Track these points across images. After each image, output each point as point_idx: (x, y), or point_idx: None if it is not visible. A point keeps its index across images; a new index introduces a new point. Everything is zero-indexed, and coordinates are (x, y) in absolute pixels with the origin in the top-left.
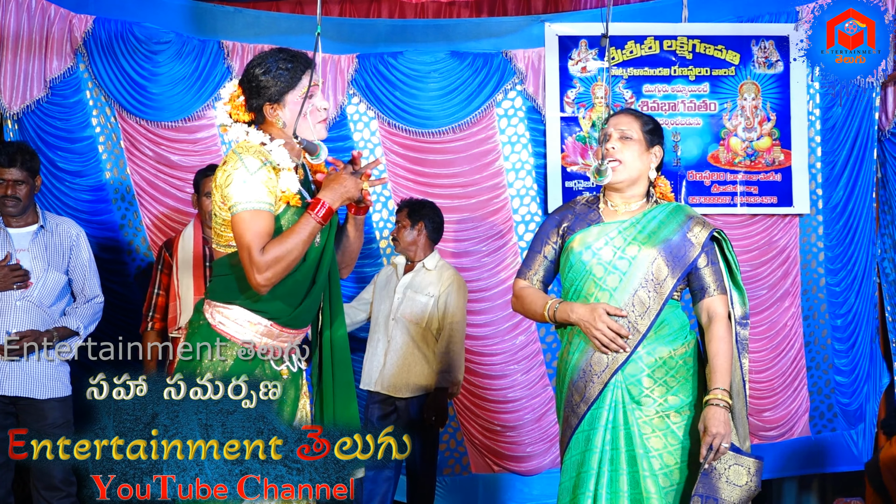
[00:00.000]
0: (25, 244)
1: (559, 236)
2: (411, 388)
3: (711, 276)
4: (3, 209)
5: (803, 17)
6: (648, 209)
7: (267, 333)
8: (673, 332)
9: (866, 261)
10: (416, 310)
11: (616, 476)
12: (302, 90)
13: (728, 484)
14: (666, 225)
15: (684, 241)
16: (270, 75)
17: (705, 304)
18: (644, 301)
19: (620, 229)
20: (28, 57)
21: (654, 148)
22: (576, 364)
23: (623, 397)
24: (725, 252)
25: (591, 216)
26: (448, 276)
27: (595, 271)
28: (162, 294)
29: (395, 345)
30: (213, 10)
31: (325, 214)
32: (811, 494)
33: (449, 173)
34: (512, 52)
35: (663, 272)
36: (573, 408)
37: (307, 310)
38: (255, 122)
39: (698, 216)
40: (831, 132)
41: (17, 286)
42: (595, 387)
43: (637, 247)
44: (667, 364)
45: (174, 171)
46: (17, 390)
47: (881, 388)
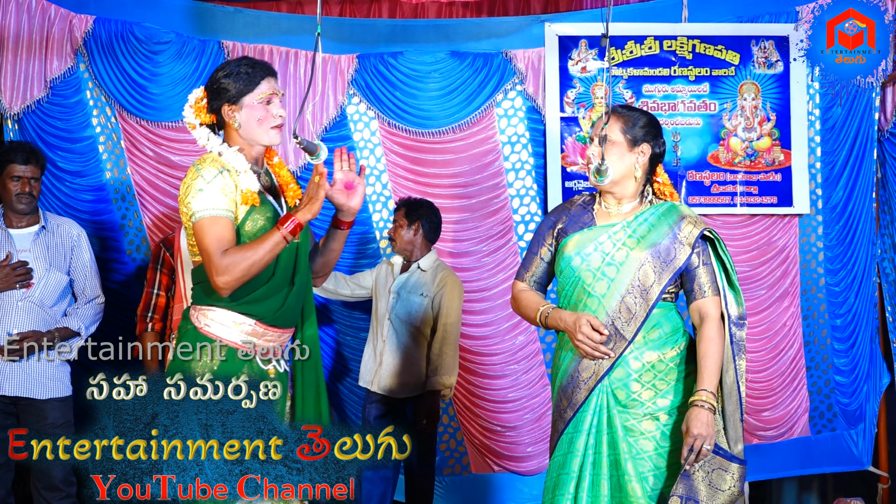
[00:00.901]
0: (27, 245)
1: (554, 238)
2: (407, 388)
3: (704, 277)
4: (16, 206)
5: (803, 17)
6: (640, 211)
7: (252, 333)
8: (664, 335)
9: (866, 261)
10: (410, 310)
11: (598, 480)
12: (260, 95)
13: (710, 487)
14: (656, 228)
15: (673, 243)
16: (230, 78)
17: (697, 305)
18: (630, 308)
19: (610, 234)
20: (28, 57)
21: (639, 146)
22: (566, 369)
23: (608, 401)
24: (719, 251)
25: (584, 218)
26: (442, 276)
27: (584, 277)
28: (162, 295)
29: (390, 345)
30: (213, 10)
31: (293, 230)
32: (811, 494)
33: (449, 173)
34: (512, 52)
35: (650, 278)
36: (560, 413)
37: (291, 309)
38: (217, 125)
39: (692, 216)
40: (831, 132)
41: (19, 285)
42: (581, 393)
43: (625, 252)
44: (655, 368)
45: (174, 172)
46: (18, 390)
47: (881, 388)
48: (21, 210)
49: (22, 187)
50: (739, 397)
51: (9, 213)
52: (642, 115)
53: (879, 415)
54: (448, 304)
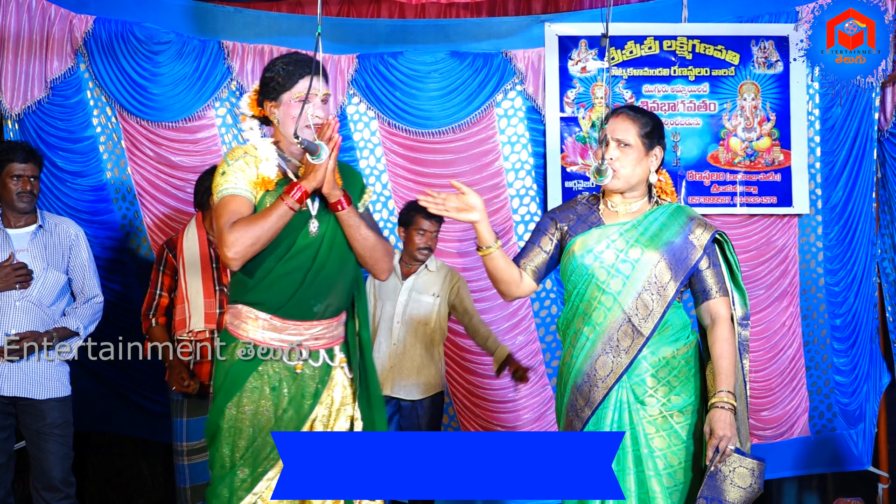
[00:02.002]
0: (24, 244)
1: (559, 232)
2: (421, 388)
3: (713, 278)
4: (17, 205)
5: (803, 17)
6: (650, 210)
7: (270, 328)
8: (675, 332)
9: (866, 261)
10: (422, 311)
11: (623, 476)
12: (296, 94)
13: (732, 486)
14: (668, 227)
15: (686, 244)
16: (272, 73)
17: (708, 306)
18: (648, 304)
19: (622, 231)
20: (28, 57)
21: (653, 150)
22: (580, 368)
23: (628, 398)
24: (727, 253)
25: (591, 218)
26: (452, 275)
27: (598, 275)
28: (164, 295)
29: (402, 347)
30: (213, 10)
31: (300, 198)
32: (811, 494)
33: (449, 173)
34: (512, 52)
35: (666, 276)
36: (577, 412)
37: (306, 300)
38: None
39: (699, 217)
40: (831, 132)
41: (18, 285)
42: (599, 391)
43: (640, 249)
44: (670, 364)
45: (175, 172)
46: (17, 391)
47: (881, 388)
48: (22, 209)
49: (23, 186)
50: (746, 396)
51: (7, 213)
52: (652, 117)
53: (879, 415)
54: (466, 296)
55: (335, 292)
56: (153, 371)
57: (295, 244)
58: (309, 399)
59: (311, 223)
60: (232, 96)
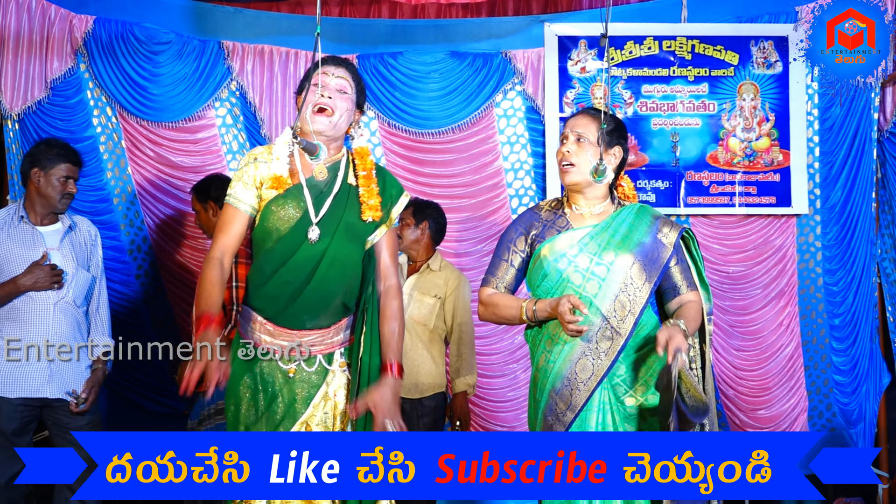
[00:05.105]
0: (55, 243)
1: (527, 244)
2: (420, 388)
3: (680, 275)
4: (58, 205)
5: (803, 17)
6: (615, 212)
7: (264, 331)
8: (650, 330)
9: (865, 260)
10: (423, 311)
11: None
12: (313, 84)
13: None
14: (636, 228)
15: (656, 243)
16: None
17: (679, 300)
18: (625, 305)
19: (592, 234)
20: (29, 57)
21: (612, 149)
22: (558, 372)
23: (609, 398)
24: (692, 249)
25: (559, 223)
26: (454, 277)
27: (573, 279)
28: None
29: (404, 347)
30: (213, 10)
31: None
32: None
33: (448, 173)
34: (511, 52)
35: (641, 277)
36: (558, 416)
37: (298, 314)
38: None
39: (664, 216)
40: (830, 132)
41: (56, 287)
42: (582, 394)
43: (613, 252)
44: (646, 363)
45: (175, 172)
46: (58, 392)
47: (881, 388)
48: (61, 210)
49: (69, 187)
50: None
51: (37, 210)
52: (614, 119)
53: (879, 414)
54: (461, 305)
55: (331, 309)
56: (154, 371)
57: (294, 255)
58: (301, 403)
59: (312, 230)
60: (232, 96)
